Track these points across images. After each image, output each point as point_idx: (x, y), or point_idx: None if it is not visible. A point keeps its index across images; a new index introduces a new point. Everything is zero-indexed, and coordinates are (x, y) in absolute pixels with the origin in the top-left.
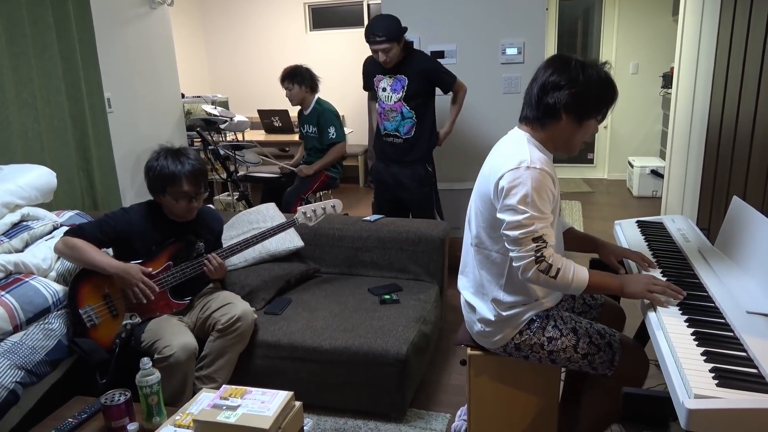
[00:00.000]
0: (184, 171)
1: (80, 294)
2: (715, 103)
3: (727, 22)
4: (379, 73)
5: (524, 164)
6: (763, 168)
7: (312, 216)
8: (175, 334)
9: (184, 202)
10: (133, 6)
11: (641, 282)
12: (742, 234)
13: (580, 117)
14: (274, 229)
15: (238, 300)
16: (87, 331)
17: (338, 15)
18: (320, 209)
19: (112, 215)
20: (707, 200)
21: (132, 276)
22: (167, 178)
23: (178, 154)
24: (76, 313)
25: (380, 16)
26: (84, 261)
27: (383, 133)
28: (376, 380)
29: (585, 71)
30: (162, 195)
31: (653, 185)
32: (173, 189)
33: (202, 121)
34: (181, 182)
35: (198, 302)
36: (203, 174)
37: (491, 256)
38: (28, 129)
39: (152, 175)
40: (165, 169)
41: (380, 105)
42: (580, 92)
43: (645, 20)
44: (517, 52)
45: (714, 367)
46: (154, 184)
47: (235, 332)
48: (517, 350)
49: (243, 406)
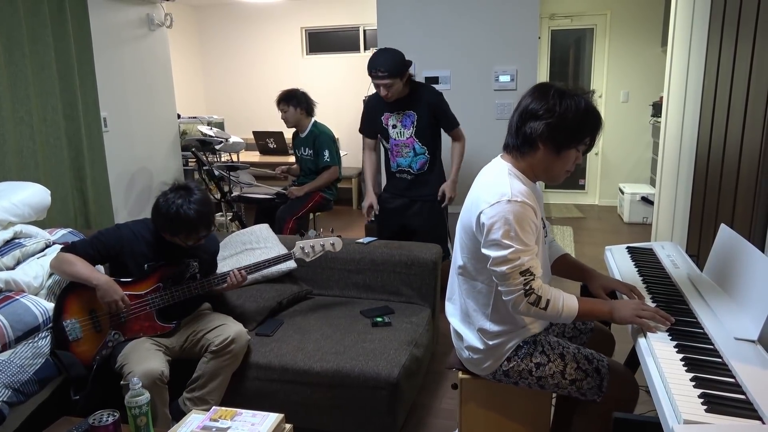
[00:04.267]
0: (199, 220)
1: (66, 306)
2: (703, 132)
3: (714, 54)
4: (387, 111)
5: (505, 198)
6: (749, 196)
7: (310, 252)
8: (140, 361)
9: (192, 242)
10: (132, 27)
11: (630, 307)
12: (730, 261)
13: (558, 147)
14: (269, 261)
15: (231, 321)
16: (69, 345)
17: (335, 40)
18: (319, 246)
19: (105, 232)
20: (696, 227)
21: (114, 291)
22: (182, 225)
23: (188, 196)
24: (60, 326)
25: (383, 50)
26: (69, 273)
27: (396, 170)
28: (367, 403)
29: (563, 101)
30: (171, 235)
31: (643, 212)
32: (186, 235)
33: (198, 141)
34: (198, 230)
35: (186, 325)
36: (212, 215)
37: (477, 286)
38: (23, 146)
39: (165, 217)
40: (179, 216)
41: (392, 141)
42: (557, 123)
43: (635, 50)
44: (510, 79)
45: (703, 392)
46: (165, 226)
47: (228, 354)
48: (506, 377)
49: (233, 428)
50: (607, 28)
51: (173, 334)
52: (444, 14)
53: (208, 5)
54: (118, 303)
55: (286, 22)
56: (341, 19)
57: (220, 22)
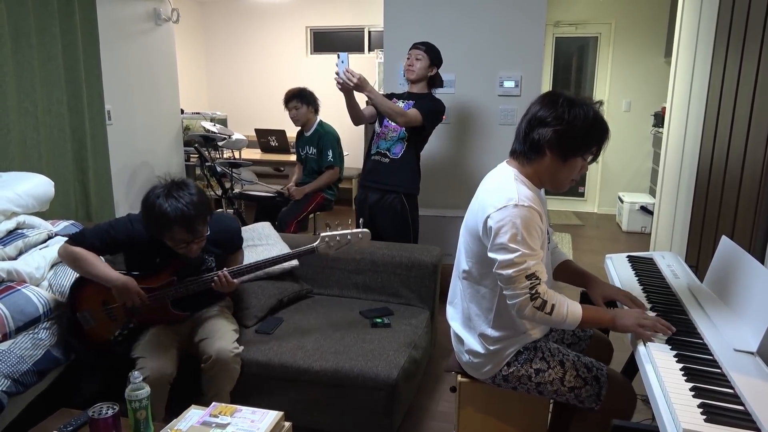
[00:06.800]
0: (176, 217)
1: (80, 298)
2: (706, 144)
3: (719, 67)
4: (395, 98)
5: (512, 202)
6: (751, 208)
7: (334, 245)
8: (156, 358)
9: (182, 248)
10: (139, 22)
11: (632, 316)
12: (731, 273)
13: (565, 155)
14: (290, 255)
15: (222, 333)
16: (83, 332)
17: (339, 39)
18: (346, 238)
19: (116, 225)
20: (696, 238)
21: (130, 291)
22: (160, 226)
23: (176, 193)
24: (74, 317)
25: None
26: (86, 272)
27: (373, 153)
28: (364, 404)
29: (572, 110)
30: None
31: (642, 221)
32: (168, 236)
33: (201, 137)
34: (173, 231)
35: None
36: (201, 217)
37: (480, 290)
38: (27, 137)
39: (149, 216)
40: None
41: (384, 123)
42: (565, 130)
43: (638, 60)
44: (515, 85)
45: (702, 402)
46: (149, 225)
47: (215, 371)
48: (505, 381)
49: (233, 424)
50: (611, 37)
51: (186, 323)
52: (450, 18)
53: (214, 1)
54: (135, 300)
55: (292, 21)
56: (346, 19)
57: (225, 19)
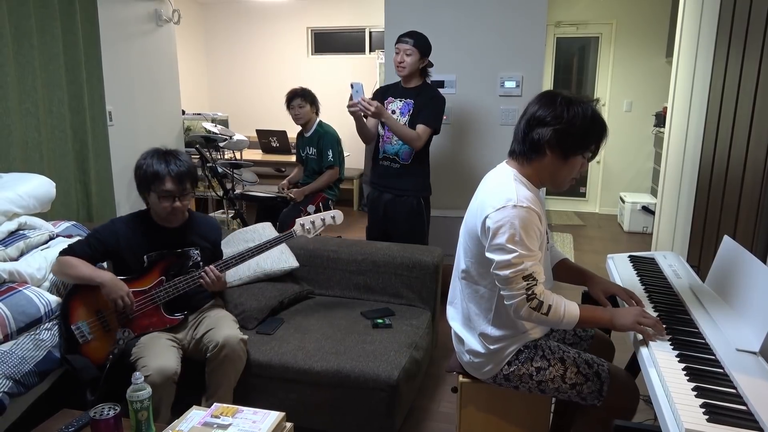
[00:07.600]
0: (168, 170)
1: (72, 309)
2: (707, 144)
3: (721, 68)
4: (392, 96)
5: (511, 203)
6: (753, 208)
7: (311, 228)
8: (156, 356)
9: (168, 203)
10: (140, 22)
11: (631, 315)
12: (733, 273)
13: (565, 153)
14: (271, 242)
15: (226, 322)
16: (79, 347)
17: (340, 40)
18: (319, 221)
19: (99, 229)
20: (698, 238)
21: (118, 287)
22: (151, 176)
23: (166, 155)
24: (69, 329)
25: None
26: (72, 276)
27: (381, 157)
28: (365, 405)
29: (571, 108)
30: (147, 193)
31: (644, 221)
32: (156, 187)
33: (202, 138)
34: (164, 181)
35: (193, 319)
36: (189, 175)
37: (479, 290)
38: (28, 138)
39: (139, 173)
40: (150, 167)
41: (387, 129)
42: (564, 129)
43: (639, 60)
44: (516, 85)
45: (705, 402)
46: (140, 182)
47: (221, 360)
48: (506, 381)
49: (234, 425)
50: (612, 37)
51: (183, 328)
52: (452, 19)
53: (215, 2)
54: (124, 298)
55: (292, 22)
56: (347, 20)
57: (226, 20)
